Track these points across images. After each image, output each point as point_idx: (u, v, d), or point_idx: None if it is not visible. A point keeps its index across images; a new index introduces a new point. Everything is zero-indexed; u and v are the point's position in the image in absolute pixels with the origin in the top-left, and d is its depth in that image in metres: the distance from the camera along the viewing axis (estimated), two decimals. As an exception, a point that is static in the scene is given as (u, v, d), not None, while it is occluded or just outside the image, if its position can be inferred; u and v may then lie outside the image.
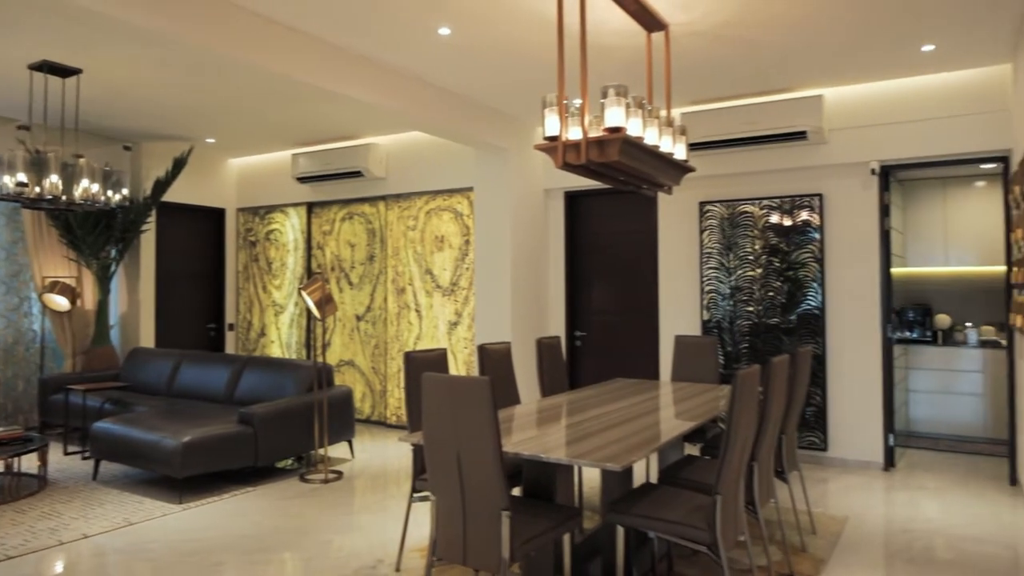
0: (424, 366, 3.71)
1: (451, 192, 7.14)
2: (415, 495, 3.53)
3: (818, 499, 4.74)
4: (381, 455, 6.16)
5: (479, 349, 4.22)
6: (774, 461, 3.59)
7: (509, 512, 2.52)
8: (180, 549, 3.85)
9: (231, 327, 8.73)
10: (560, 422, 3.32)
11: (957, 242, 6.95)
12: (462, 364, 7.01)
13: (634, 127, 3.11)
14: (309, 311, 7.44)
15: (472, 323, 6.94)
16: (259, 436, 5.20)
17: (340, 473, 5.47)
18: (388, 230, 7.57)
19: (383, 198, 7.62)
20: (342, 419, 5.85)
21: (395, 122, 5.83)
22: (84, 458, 5.91)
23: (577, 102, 3.22)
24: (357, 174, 7.37)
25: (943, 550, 3.81)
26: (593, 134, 3.12)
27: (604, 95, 3.01)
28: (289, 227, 8.37)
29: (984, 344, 6.52)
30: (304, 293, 5.51)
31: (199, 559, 3.72)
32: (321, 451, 5.89)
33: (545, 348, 4.72)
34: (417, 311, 7.34)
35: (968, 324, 6.81)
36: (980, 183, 6.81)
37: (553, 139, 3.14)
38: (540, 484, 3.07)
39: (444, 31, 4.25)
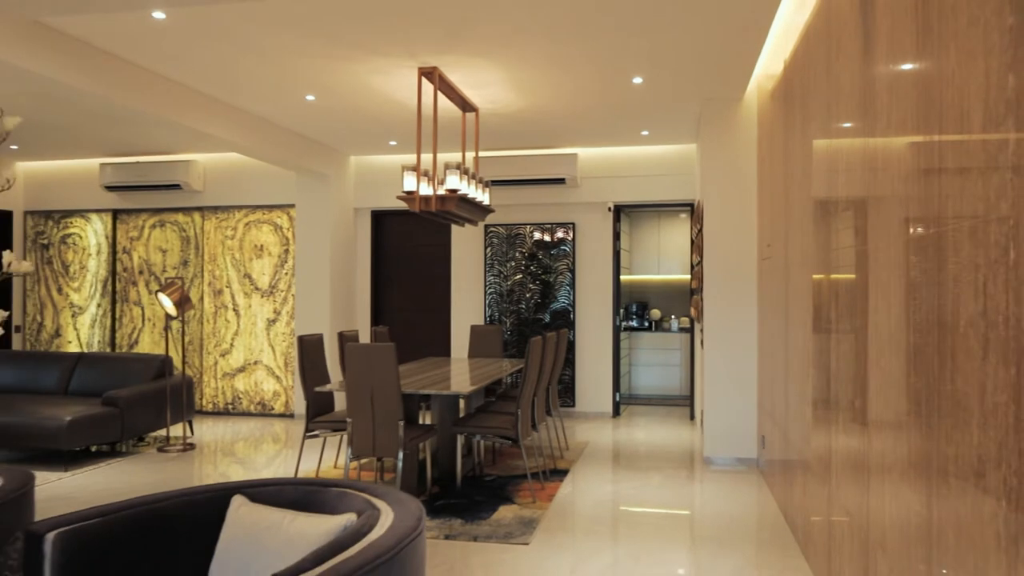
0: (310, 346, 5.71)
1: (271, 207, 8.92)
2: (307, 435, 5.51)
3: (570, 434, 7.47)
4: (216, 433, 7.85)
5: (338, 335, 6.24)
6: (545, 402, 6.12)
7: (404, 422, 4.70)
8: (114, 491, 5.40)
9: (18, 329, 9.56)
10: (412, 378, 5.52)
11: (666, 258, 10.29)
12: (280, 354, 8.82)
13: (463, 187, 5.42)
14: (105, 314, 8.68)
15: (290, 320, 8.79)
16: (124, 416, 6.68)
17: (193, 445, 7.10)
18: (205, 238, 9.10)
19: (199, 209, 9.13)
20: (187, 402, 7.44)
21: (223, 147, 7.47)
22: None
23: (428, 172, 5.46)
24: (175, 187, 8.82)
25: (645, 453, 6.76)
26: (438, 192, 5.38)
27: (447, 168, 5.29)
28: (91, 232, 9.46)
29: (682, 330, 9.85)
30: (162, 295, 7.06)
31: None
32: (171, 430, 7.39)
33: (378, 334, 6.88)
34: (235, 310, 8.98)
35: (673, 316, 10.12)
36: (683, 215, 10.16)
37: (410, 193, 5.35)
38: (408, 414, 5.26)
39: (310, 97, 6.24)
